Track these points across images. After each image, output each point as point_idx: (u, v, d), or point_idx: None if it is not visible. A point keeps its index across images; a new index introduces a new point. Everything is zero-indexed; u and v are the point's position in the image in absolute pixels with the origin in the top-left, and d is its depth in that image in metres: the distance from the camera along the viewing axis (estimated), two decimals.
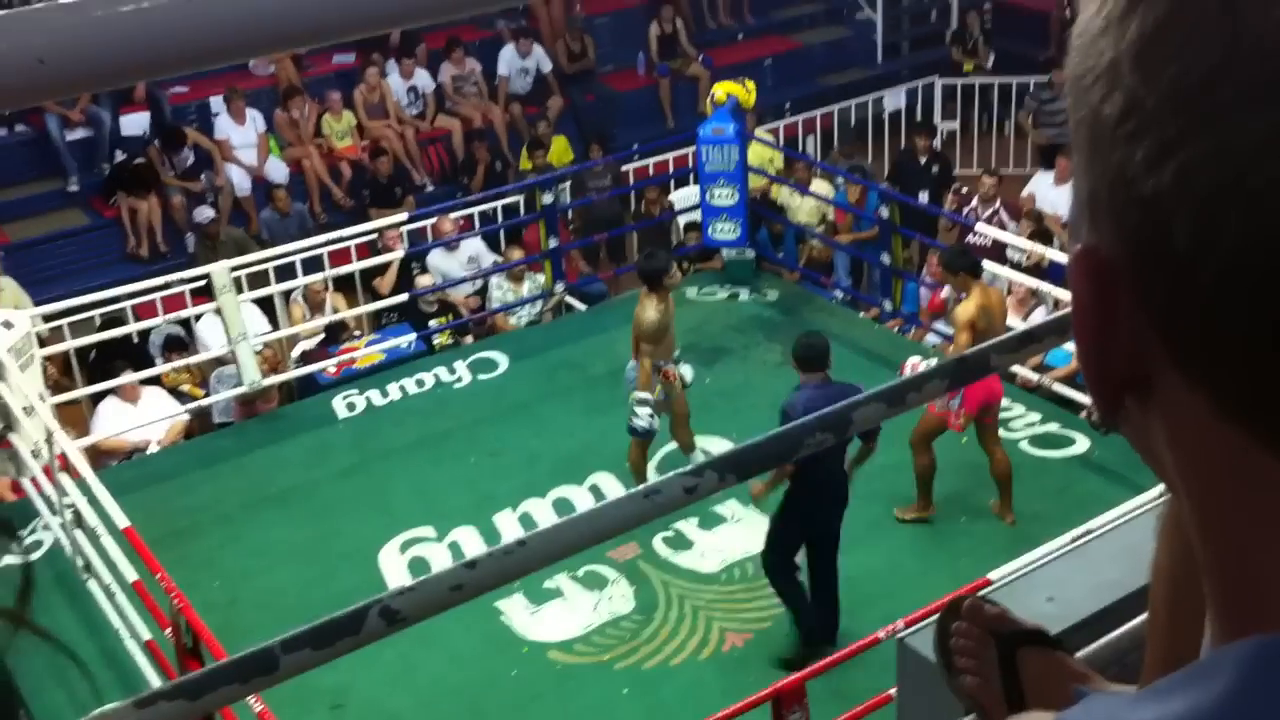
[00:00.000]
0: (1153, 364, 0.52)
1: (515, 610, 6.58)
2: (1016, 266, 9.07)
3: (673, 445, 7.62)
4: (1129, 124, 0.49)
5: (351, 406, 8.55)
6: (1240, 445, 0.50)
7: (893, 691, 2.66)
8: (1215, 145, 0.47)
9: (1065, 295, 8.06)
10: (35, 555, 7.13)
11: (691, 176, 10.28)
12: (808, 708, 4.53)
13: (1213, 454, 0.52)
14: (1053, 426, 7.78)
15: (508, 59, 12.61)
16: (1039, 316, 8.29)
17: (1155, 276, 0.50)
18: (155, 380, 8.72)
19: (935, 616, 1.70)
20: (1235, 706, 0.48)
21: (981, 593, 1.86)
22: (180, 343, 9.11)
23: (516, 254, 9.78)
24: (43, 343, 8.21)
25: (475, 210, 10.40)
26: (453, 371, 8.88)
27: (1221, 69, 0.47)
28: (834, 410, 1.38)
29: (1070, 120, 0.54)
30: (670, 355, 7.25)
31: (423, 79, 12.34)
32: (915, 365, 7.34)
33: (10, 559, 5.33)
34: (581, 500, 7.40)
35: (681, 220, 10.54)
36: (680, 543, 7.01)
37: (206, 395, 8.80)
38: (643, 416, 7.05)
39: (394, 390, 8.67)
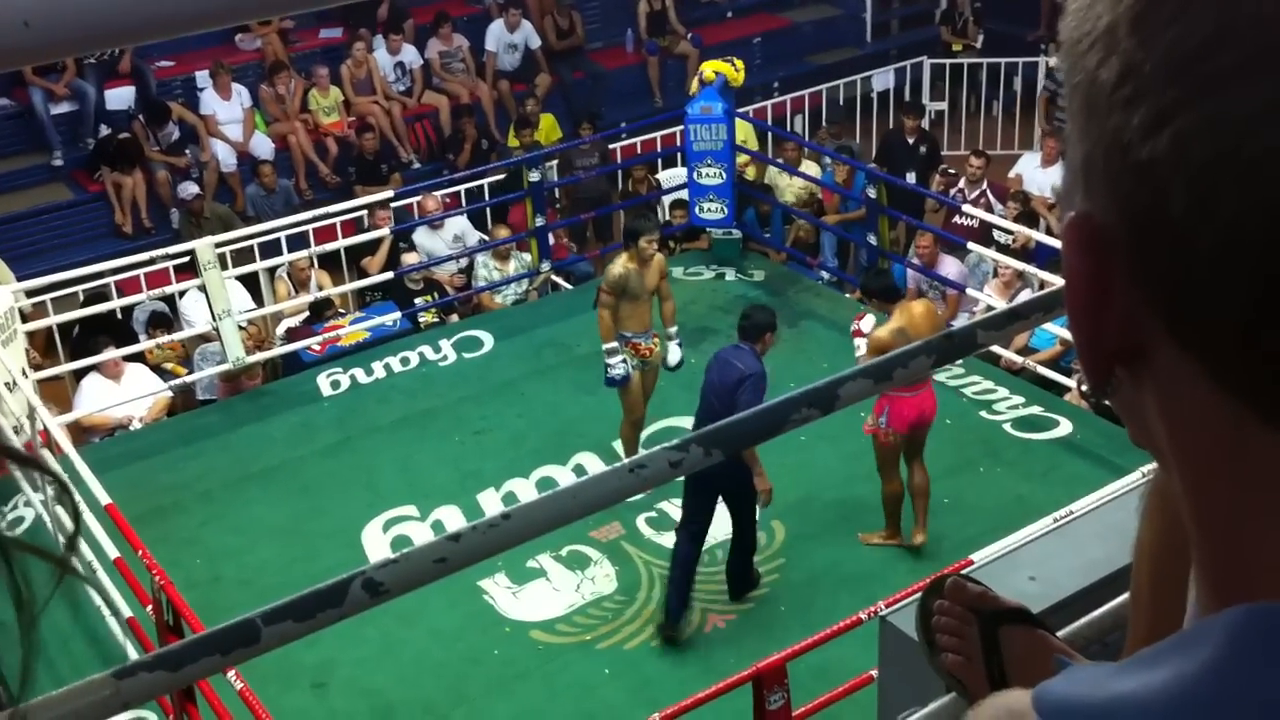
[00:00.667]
0: (1145, 334, 0.52)
1: (497, 590, 6.59)
2: (1003, 248, 9.08)
3: (661, 424, 7.62)
4: (1125, 89, 0.49)
5: (336, 384, 8.53)
6: (1232, 415, 0.50)
7: (874, 671, 2.67)
8: (1212, 112, 0.46)
9: (1051, 278, 8.08)
10: (18, 531, 7.10)
11: (679, 156, 10.26)
12: (789, 688, 4.54)
13: (1204, 424, 0.51)
14: (1036, 409, 7.80)
15: (496, 34, 12.55)
16: (1025, 299, 8.31)
17: (1150, 245, 0.49)
18: (139, 357, 8.69)
19: (918, 596, 1.70)
20: (1221, 674, 0.47)
21: (964, 572, 1.86)
22: (164, 319, 9.07)
23: (503, 233, 9.76)
24: (25, 318, 8.17)
25: (461, 188, 10.36)
26: (438, 350, 8.86)
27: (1220, 35, 0.46)
28: (822, 385, 1.37)
29: (1065, 85, 0.54)
30: (640, 328, 7.18)
31: (410, 55, 12.28)
32: (861, 318, 7.19)
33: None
34: (565, 480, 7.39)
35: (667, 200, 10.52)
36: (664, 523, 7.01)
37: (190, 373, 8.77)
38: (615, 365, 7.05)
39: (379, 368, 8.65)
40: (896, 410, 6.40)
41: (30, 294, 8.52)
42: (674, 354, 7.43)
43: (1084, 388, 7.05)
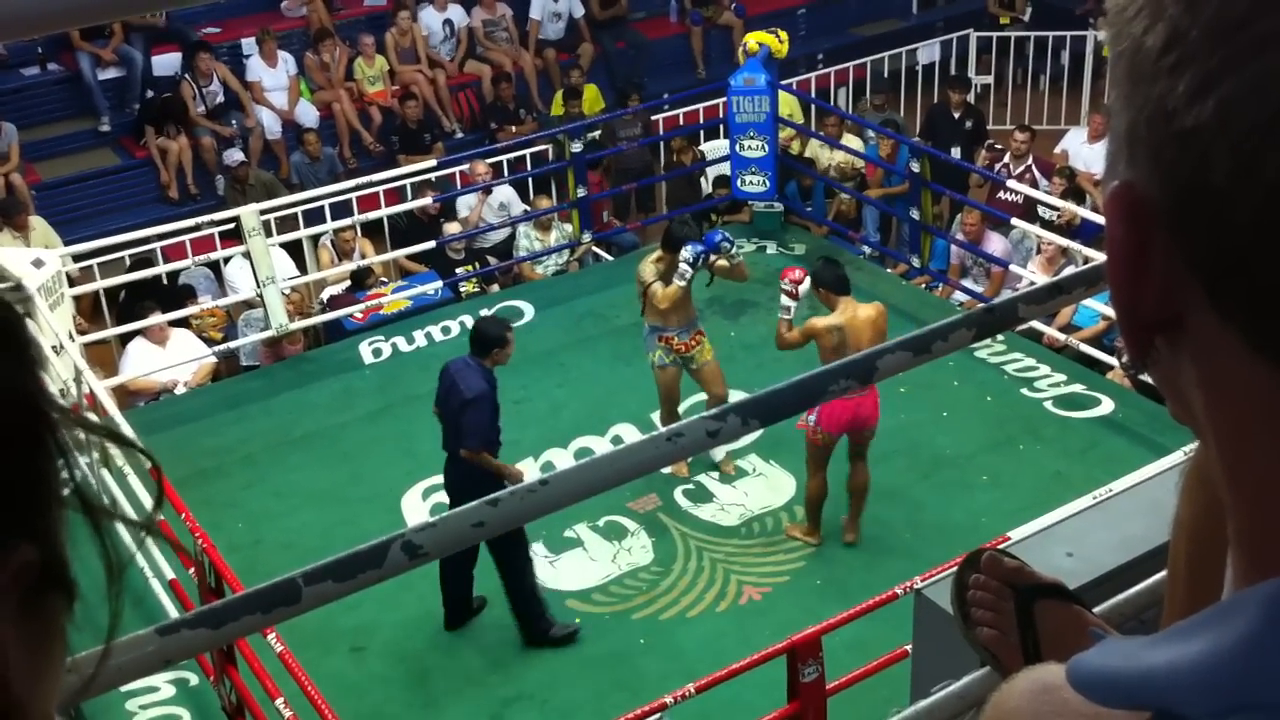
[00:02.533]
0: (1185, 303, 0.51)
1: (535, 558, 6.62)
2: (1047, 224, 9.00)
3: (697, 397, 7.62)
4: (1171, 56, 0.49)
5: (378, 352, 8.58)
6: (1272, 385, 0.50)
7: (909, 647, 2.67)
8: (1257, 76, 0.46)
9: (1095, 254, 8.00)
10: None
11: (721, 128, 10.21)
12: (823, 661, 4.55)
13: (1243, 394, 0.51)
14: (1078, 387, 7.74)
15: (540, 3, 12.50)
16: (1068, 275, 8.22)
17: (1192, 213, 0.49)
18: (184, 322, 8.77)
19: (953, 570, 1.70)
20: (1256, 646, 0.47)
21: (1000, 547, 1.86)
22: (190, 291, 9.15)
23: (544, 203, 9.76)
24: (72, 283, 8.26)
25: (504, 158, 10.37)
26: None
27: (1263, 1, 0.46)
28: (859, 357, 1.37)
29: (1110, 54, 0.53)
30: (677, 323, 6.91)
31: (457, 14, 12.23)
32: (791, 275, 6.71)
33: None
34: (603, 450, 7.41)
35: (711, 172, 10.48)
36: (701, 495, 7.03)
37: (225, 339, 8.86)
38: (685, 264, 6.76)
39: (420, 337, 8.69)
40: (828, 410, 6.15)
41: (77, 259, 8.62)
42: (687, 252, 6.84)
43: (1124, 360, 6.98)
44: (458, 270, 9.46)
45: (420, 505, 7.08)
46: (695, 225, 7.23)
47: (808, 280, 6.54)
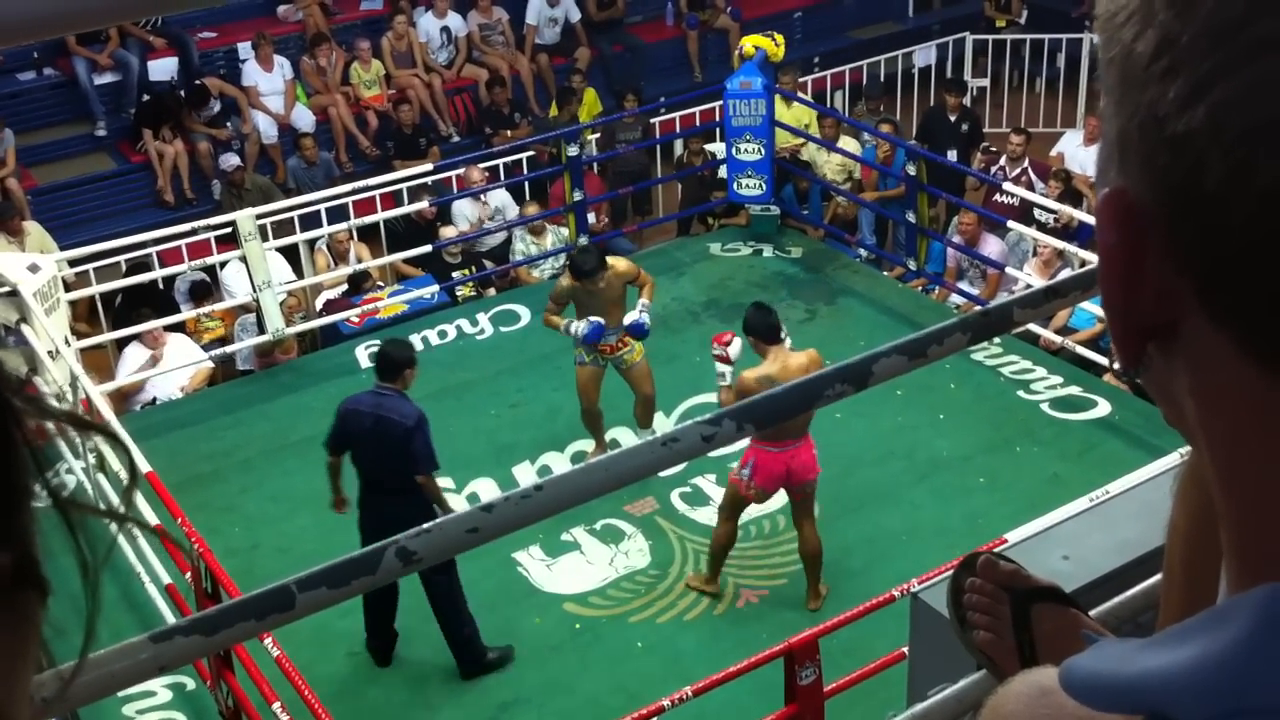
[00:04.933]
0: (1178, 309, 0.51)
1: (531, 562, 6.62)
2: (1043, 227, 9.01)
3: (692, 401, 7.62)
4: (1161, 61, 0.49)
5: (374, 357, 8.56)
6: (1264, 390, 0.50)
7: (906, 649, 2.68)
8: (1249, 83, 0.46)
9: (1091, 256, 8.00)
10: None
11: (717, 131, 10.22)
12: (820, 664, 4.55)
13: (1236, 400, 0.51)
14: (1075, 390, 7.75)
15: (536, 7, 12.50)
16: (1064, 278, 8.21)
17: (1184, 219, 0.49)
18: (180, 327, 8.77)
19: (950, 573, 1.70)
20: (1249, 652, 0.47)
21: (997, 550, 1.86)
22: (206, 289, 9.15)
23: (532, 209, 9.76)
24: (68, 287, 8.25)
25: (500, 162, 10.37)
26: (475, 323, 8.90)
27: (1258, 5, 0.46)
28: (856, 361, 1.37)
29: (1101, 60, 0.53)
30: (613, 326, 7.03)
31: (455, 21, 12.24)
32: (723, 339, 6.43)
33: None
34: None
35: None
36: (697, 498, 7.03)
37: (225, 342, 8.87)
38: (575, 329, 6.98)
39: (416, 341, 8.67)
40: (761, 463, 6.00)
41: (73, 263, 8.61)
42: (632, 316, 7.01)
43: (1116, 366, 6.97)
44: (454, 274, 9.45)
45: None
46: (596, 253, 7.09)
47: (737, 341, 6.32)
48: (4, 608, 0.53)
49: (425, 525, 1.24)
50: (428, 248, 9.33)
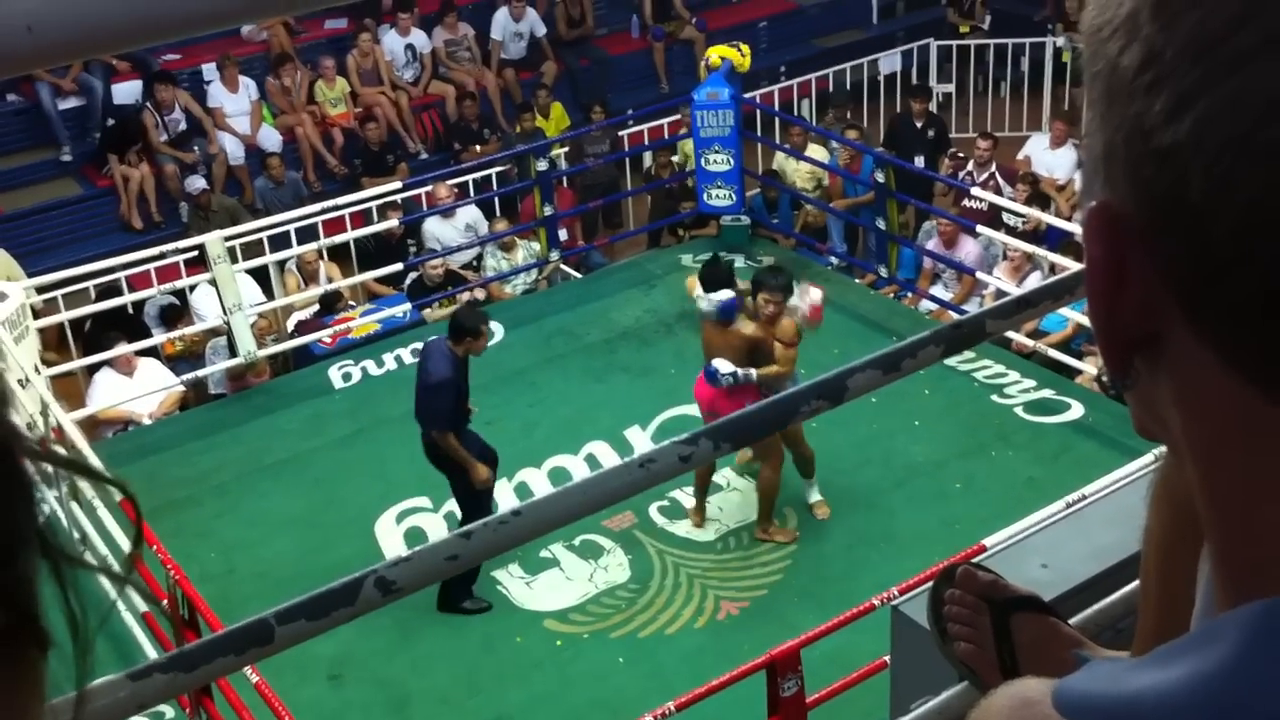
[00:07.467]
0: (1163, 321, 0.52)
1: (511, 580, 6.60)
2: (1012, 231, 9.06)
3: (671, 413, 7.62)
4: (1147, 75, 0.49)
5: (347, 377, 8.54)
6: (1249, 403, 0.50)
7: (887, 658, 2.68)
8: (1233, 93, 0.46)
9: (1061, 260, 8.06)
10: None
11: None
12: (803, 675, 4.55)
13: (1221, 412, 0.51)
14: (1048, 393, 7.79)
15: (501, 23, 12.51)
16: (1034, 282, 8.27)
17: (1169, 231, 0.49)
18: (151, 351, 8.71)
19: (929, 584, 1.70)
20: (1240, 671, 0.47)
21: (976, 559, 1.86)
22: (177, 312, 9.10)
23: (501, 225, 9.74)
24: (37, 315, 8.19)
25: (470, 178, 10.35)
26: None
27: (1243, 17, 0.46)
28: (831, 377, 1.37)
29: (1086, 75, 0.54)
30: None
31: (419, 38, 12.22)
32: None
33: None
34: (577, 470, 7.40)
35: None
36: (676, 512, 7.02)
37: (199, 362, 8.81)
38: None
39: (389, 360, 8.66)
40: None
41: (41, 290, 8.54)
42: (724, 367, 6.46)
43: (1105, 379, 7.01)
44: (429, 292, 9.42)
45: (394, 529, 7.05)
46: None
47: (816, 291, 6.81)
48: (3, 666, 0.51)
49: (405, 554, 1.23)
50: (399, 266, 9.30)
